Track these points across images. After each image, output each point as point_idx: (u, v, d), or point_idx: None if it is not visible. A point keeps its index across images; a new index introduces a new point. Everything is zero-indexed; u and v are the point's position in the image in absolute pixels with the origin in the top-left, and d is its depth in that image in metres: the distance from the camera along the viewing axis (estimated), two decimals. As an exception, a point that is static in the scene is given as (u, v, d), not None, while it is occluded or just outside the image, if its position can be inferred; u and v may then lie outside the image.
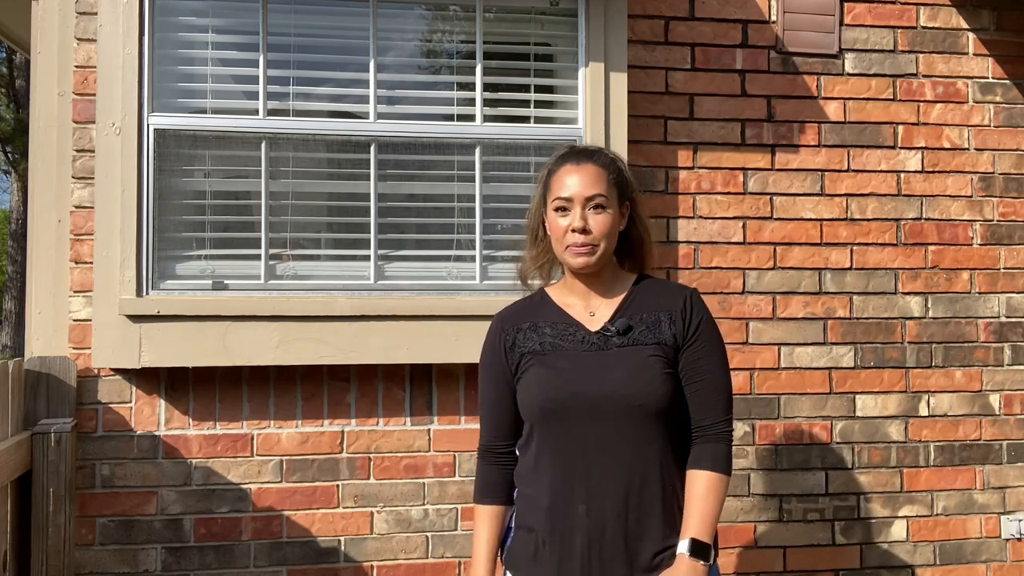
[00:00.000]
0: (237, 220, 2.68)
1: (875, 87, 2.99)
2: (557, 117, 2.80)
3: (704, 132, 2.89)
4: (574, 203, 1.64)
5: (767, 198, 2.92)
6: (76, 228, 2.57)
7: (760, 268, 2.90)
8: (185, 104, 2.64)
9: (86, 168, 2.57)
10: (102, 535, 2.55)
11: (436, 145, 2.74)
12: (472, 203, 2.74)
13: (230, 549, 2.60)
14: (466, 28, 2.78)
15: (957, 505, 2.96)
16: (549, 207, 1.69)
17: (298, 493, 2.64)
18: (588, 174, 1.65)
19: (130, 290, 2.51)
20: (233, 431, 2.61)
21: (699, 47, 2.90)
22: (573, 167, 1.67)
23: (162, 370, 2.58)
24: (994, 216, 3.03)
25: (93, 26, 2.57)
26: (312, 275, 2.67)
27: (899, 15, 3.02)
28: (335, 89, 2.73)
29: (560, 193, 1.66)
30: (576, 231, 1.63)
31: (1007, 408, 3.01)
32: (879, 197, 2.97)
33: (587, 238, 1.63)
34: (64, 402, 2.49)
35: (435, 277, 2.72)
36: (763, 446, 2.87)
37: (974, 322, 3.00)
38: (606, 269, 1.71)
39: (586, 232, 1.63)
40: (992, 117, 3.05)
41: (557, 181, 1.68)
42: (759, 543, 2.85)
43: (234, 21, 2.67)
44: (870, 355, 2.94)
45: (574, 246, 1.64)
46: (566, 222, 1.65)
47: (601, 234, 1.64)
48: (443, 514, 2.70)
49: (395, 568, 2.67)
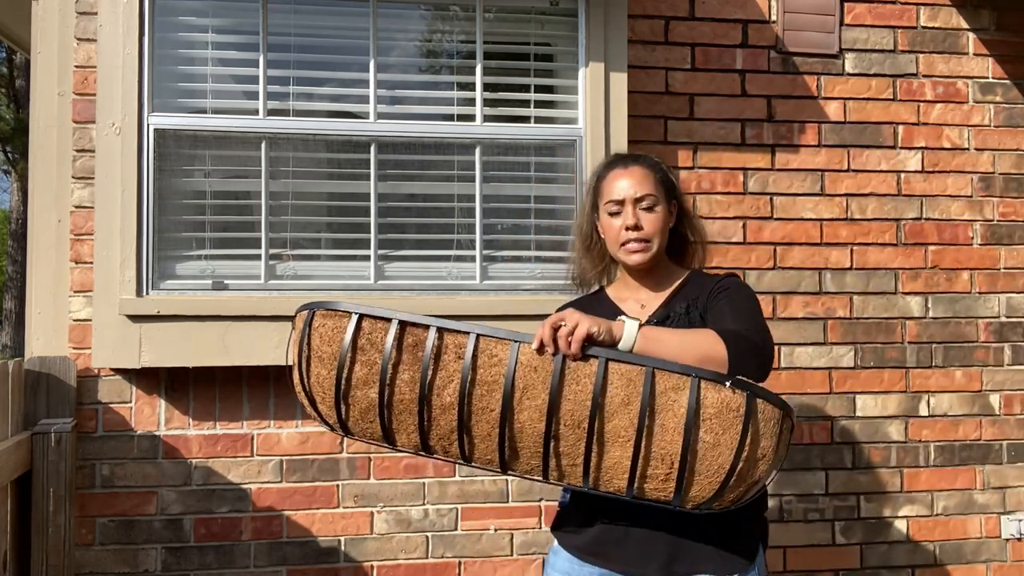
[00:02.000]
0: (237, 220, 2.68)
1: (875, 87, 2.99)
2: (557, 117, 2.80)
3: (704, 132, 2.89)
4: (626, 204, 1.72)
5: (767, 198, 2.92)
6: (76, 228, 2.57)
7: (760, 268, 2.90)
8: (185, 104, 2.64)
9: (86, 168, 2.57)
10: (102, 535, 2.55)
11: (436, 145, 2.74)
12: (472, 203, 2.74)
13: (230, 549, 2.60)
14: (466, 28, 2.78)
15: (957, 505, 2.96)
16: (602, 211, 1.77)
17: (298, 493, 2.64)
18: (636, 176, 1.74)
19: (130, 290, 2.51)
20: (233, 431, 2.62)
21: (699, 47, 2.90)
22: (622, 171, 1.76)
23: (162, 370, 2.58)
24: (994, 216, 3.03)
25: (93, 26, 2.57)
26: (312, 275, 2.67)
27: (899, 15, 3.02)
28: (335, 89, 2.73)
29: (612, 196, 1.74)
30: (629, 228, 1.71)
31: (1007, 408, 3.01)
32: (879, 197, 2.98)
33: (640, 234, 1.71)
34: (64, 402, 2.49)
35: (435, 277, 2.72)
36: (763, 446, 2.87)
37: (974, 322, 3.00)
38: (659, 265, 1.78)
39: (638, 228, 1.71)
40: (992, 117, 3.05)
41: (607, 185, 1.76)
42: (759, 543, 2.85)
43: (234, 21, 2.67)
44: (870, 355, 2.94)
45: (629, 243, 1.72)
46: (619, 222, 1.73)
47: (653, 230, 1.72)
48: (443, 514, 2.70)
49: (395, 568, 2.67)
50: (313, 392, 1.50)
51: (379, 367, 1.44)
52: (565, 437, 1.40)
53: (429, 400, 1.43)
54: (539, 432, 1.41)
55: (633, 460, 1.38)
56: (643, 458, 1.39)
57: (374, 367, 1.45)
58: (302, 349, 1.49)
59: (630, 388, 1.37)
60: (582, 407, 1.39)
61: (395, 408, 1.45)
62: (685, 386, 1.36)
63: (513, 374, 1.40)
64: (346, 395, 1.47)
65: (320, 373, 1.48)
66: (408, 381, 1.44)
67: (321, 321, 1.48)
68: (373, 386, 1.45)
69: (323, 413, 1.52)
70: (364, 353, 1.45)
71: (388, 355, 1.43)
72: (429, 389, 1.43)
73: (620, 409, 1.38)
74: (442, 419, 1.44)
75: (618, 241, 1.73)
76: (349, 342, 1.45)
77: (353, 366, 1.45)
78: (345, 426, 1.51)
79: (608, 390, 1.38)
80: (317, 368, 1.48)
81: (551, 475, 1.46)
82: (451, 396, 1.42)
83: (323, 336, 1.47)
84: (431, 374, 1.43)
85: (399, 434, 1.48)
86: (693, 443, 1.36)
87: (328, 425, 1.54)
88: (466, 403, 1.42)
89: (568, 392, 1.39)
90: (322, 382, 1.48)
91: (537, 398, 1.40)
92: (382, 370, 1.43)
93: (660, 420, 1.37)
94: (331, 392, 1.48)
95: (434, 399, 1.43)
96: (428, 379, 1.42)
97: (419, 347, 1.43)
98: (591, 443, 1.39)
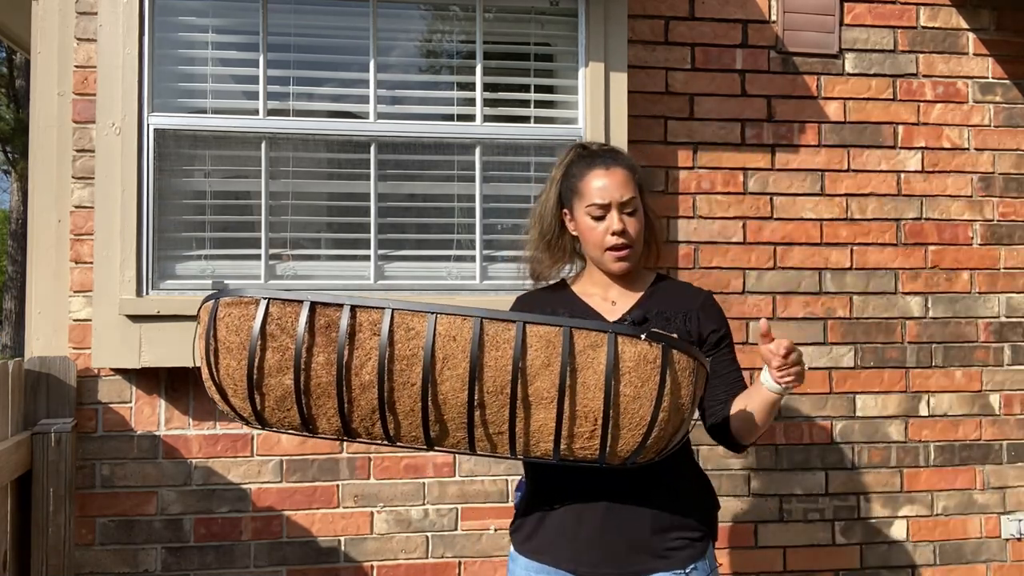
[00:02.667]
0: (237, 220, 2.68)
1: (875, 87, 2.99)
2: (557, 117, 2.80)
3: (704, 132, 2.89)
4: (611, 208, 1.68)
5: (767, 198, 2.92)
6: (76, 228, 2.57)
7: (760, 268, 2.90)
8: (185, 104, 2.64)
9: (86, 168, 2.57)
10: (102, 535, 2.55)
11: (436, 145, 2.74)
12: (472, 203, 2.74)
13: (230, 549, 2.60)
14: (466, 28, 2.78)
15: (957, 505, 2.96)
16: (581, 211, 1.72)
17: (298, 493, 2.64)
18: (620, 178, 1.70)
19: (130, 290, 2.51)
20: (233, 431, 2.61)
21: (699, 47, 2.90)
22: (604, 171, 1.70)
23: (162, 370, 2.58)
24: (994, 216, 3.03)
25: (93, 26, 2.57)
26: (312, 275, 2.67)
27: (899, 15, 3.02)
28: (335, 89, 2.73)
29: (595, 199, 1.69)
30: (616, 234, 1.68)
31: (1007, 408, 3.01)
32: (879, 197, 2.98)
33: (626, 240, 1.69)
34: (64, 402, 2.49)
35: (435, 277, 2.72)
36: (763, 446, 2.87)
37: (974, 322, 3.00)
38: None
39: (625, 234, 1.68)
40: (992, 117, 3.05)
41: (588, 185, 1.71)
42: (759, 543, 2.85)
43: (234, 21, 2.67)
44: (870, 355, 2.94)
45: (614, 249, 1.69)
46: (603, 226, 1.69)
47: (636, 235, 1.71)
48: (443, 514, 2.70)
49: (395, 568, 2.67)
50: (224, 385, 1.46)
51: (292, 352, 1.40)
52: (489, 405, 1.40)
53: (348, 380, 1.41)
54: (462, 402, 1.40)
55: (558, 421, 1.40)
56: (568, 417, 1.40)
57: (286, 353, 1.41)
58: (209, 342, 1.45)
59: (550, 350, 1.38)
60: (503, 372, 1.39)
61: (312, 393, 1.42)
62: (603, 343, 1.38)
63: (432, 345, 1.39)
64: (259, 384, 1.43)
65: (229, 364, 1.43)
66: (324, 363, 1.40)
67: (227, 311, 1.43)
68: (287, 372, 1.42)
69: (236, 406, 1.47)
70: (275, 339, 1.41)
71: (301, 339, 1.40)
72: (347, 369, 1.40)
73: (541, 371, 1.38)
74: (362, 399, 1.41)
75: (602, 246, 1.70)
76: (258, 329, 1.41)
77: (264, 354, 1.41)
78: (261, 418, 1.47)
79: (528, 353, 1.39)
80: (226, 360, 1.43)
81: (478, 446, 1.45)
82: (370, 374, 1.40)
83: (229, 326, 1.43)
84: (347, 354, 1.40)
85: (319, 420, 1.45)
86: (615, 397, 1.38)
87: (243, 419, 1.49)
88: (386, 379, 1.40)
89: (488, 359, 1.39)
90: (232, 373, 1.43)
91: (458, 367, 1.39)
92: (296, 355, 1.40)
93: (581, 378, 1.38)
94: (243, 383, 1.43)
95: (353, 379, 1.40)
96: (345, 359, 1.40)
97: (332, 327, 1.40)
98: (515, 408, 1.40)
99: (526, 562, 1.69)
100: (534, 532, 1.69)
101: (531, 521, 1.70)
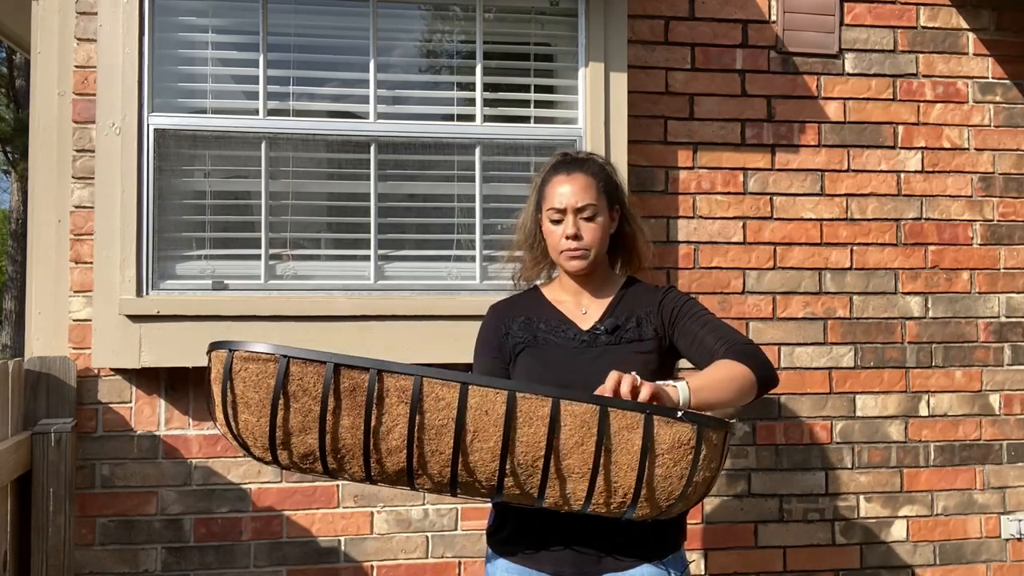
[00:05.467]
0: (237, 220, 2.68)
1: (875, 87, 2.99)
2: (557, 117, 2.80)
3: (704, 132, 2.89)
4: (567, 213, 1.75)
5: (767, 198, 2.92)
6: (76, 228, 2.57)
7: (760, 268, 2.90)
8: (185, 104, 2.64)
9: (86, 168, 2.57)
10: (102, 535, 2.55)
11: (436, 145, 2.74)
12: (472, 203, 2.74)
13: (230, 549, 2.60)
14: (466, 28, 2.78)
15: (957, 505, 2.96)
16: (544, 216, 1.80)
17: (298, 493, 2.64)
18: (579, 184, 1.75)
19: (130, 290, 2.51)
20: (233, 431, 2.61)
21: (699, 47, 2.90)
22: (564, 178, 1.77)
23: (162, 370, 2.58)
24: (994, 216, 3.03)
25: (93, 26, 2.57)
26: (312, 275, 2.67)
27: (899, 15, 3.02)
28: (335, 89, 2.73)
29: (553, 204, 1.76)
30: (569, 238, 1.74)
31: (1007, 408, 3.01)
32: (879, 197, 2.98)
33: (579, 243, 1.75)
34: (64, 402, 2.49)
35: (435, 277, 2.72)
36: (763, 446, 2.87)
37: (974, 322, 3.00)
38: (598, 270, 1.82)
39: (578, 238, 1.74)
40: (992, 117, 3.05)
41: (550, 191, 1.78)
42: (759, 543, 2.85)
43: (234, 21, 2.67)
44: (870, 355, 2.94)
45: (568, 251, 1.76)
46: (560, 230, 1.76)
47: (592, 240, 1.75)
48: (443, 514, 2.70)
49: (395, 568, 2.67)
50: (244, 438, 1.41)
51: (315, 414, 1.35)
52: (519, 475, 1.39)
53: (376, 444, 1.37)
54: (492, 470, 1.38)
55: (588, 493, 1.38)
56: (599, 492, 1.39)
57: (309, 415, 1.35)
58: (226, 395, 1.38)
59: (584, 430, 1.35)
60: (535, 448, 1.36)
61: (338, 452, 1.38)
62: (638, 425, 1.35)
63: (463, 417, 1.35)
64: (283, 442, 1.38)
65: (248, 420, 1.38)
66: (349, 427, 1.36)
67: (243, 365, 1.36)
68: (311, 432, 1.36)
69: (257, 456, 1.43)
70: (297, 400, 1.35)
71: (325, 402, 1.34)
72: (374, 434, 1.36)
73: (574, 450, 1.36)
74: (388, 461, 1.38)
75: (558, 248, 1.77)
76: (278, 390, 1.34)
77: (287, 413, 1.36)
78: (282, 465, 1.43)
79: (561, 432, 1.36)
80: (244, 415, 1.38)
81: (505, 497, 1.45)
82: (397, 440, 1.36)
83: (247, 381, 1.36)
84: (374, 420, 1.35)
85: (343, 474, 1.42)
86: (648, 479, 1.37)
87: (263, 462, 1.45)
88: (414, 446, 1.36)
89: (521, 435, 1.36)
90: (252, 430, 1.38)
91: (489, 440, 1.36)
92: (320, 418, 1.35)
93: (614, 458, 1.36)
94: (263, 439, 1.38)
95: (380, 444, 1.37)
96: (371, 425, 1.35)
97: (357, 391, 1.34)
98: (545, 480, 1.38)
99: (506, 563, 1.71)
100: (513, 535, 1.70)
101: (510, 522, 1.71)
